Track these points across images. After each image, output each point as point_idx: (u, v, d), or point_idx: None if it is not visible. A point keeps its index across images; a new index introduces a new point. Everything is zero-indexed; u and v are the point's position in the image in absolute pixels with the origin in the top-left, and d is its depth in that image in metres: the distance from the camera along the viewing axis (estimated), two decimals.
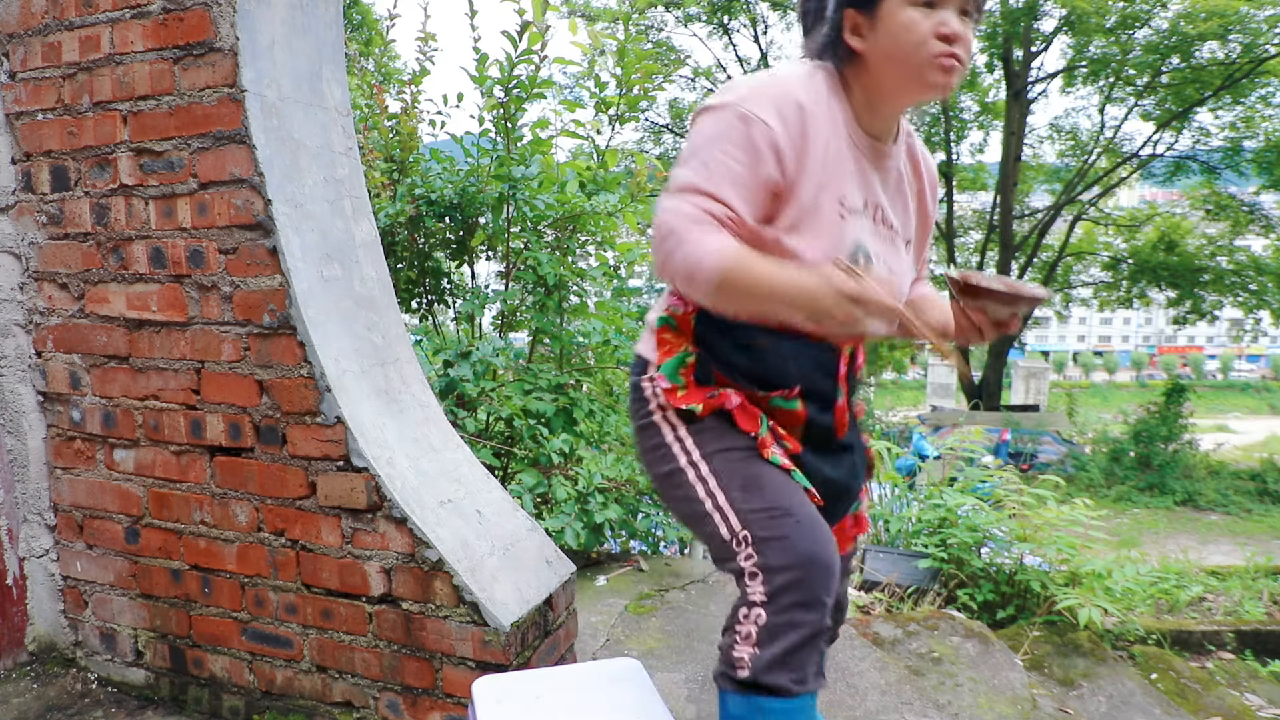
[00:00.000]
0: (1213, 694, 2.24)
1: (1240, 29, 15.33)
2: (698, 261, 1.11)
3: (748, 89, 1.17)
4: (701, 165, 1.15)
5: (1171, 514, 13.08)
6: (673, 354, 1.27)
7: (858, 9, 1.21)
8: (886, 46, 1.19)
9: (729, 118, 1.14)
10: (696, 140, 1.17)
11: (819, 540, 1.16)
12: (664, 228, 1.14)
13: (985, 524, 2.83)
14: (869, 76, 1.24)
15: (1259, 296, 17.90)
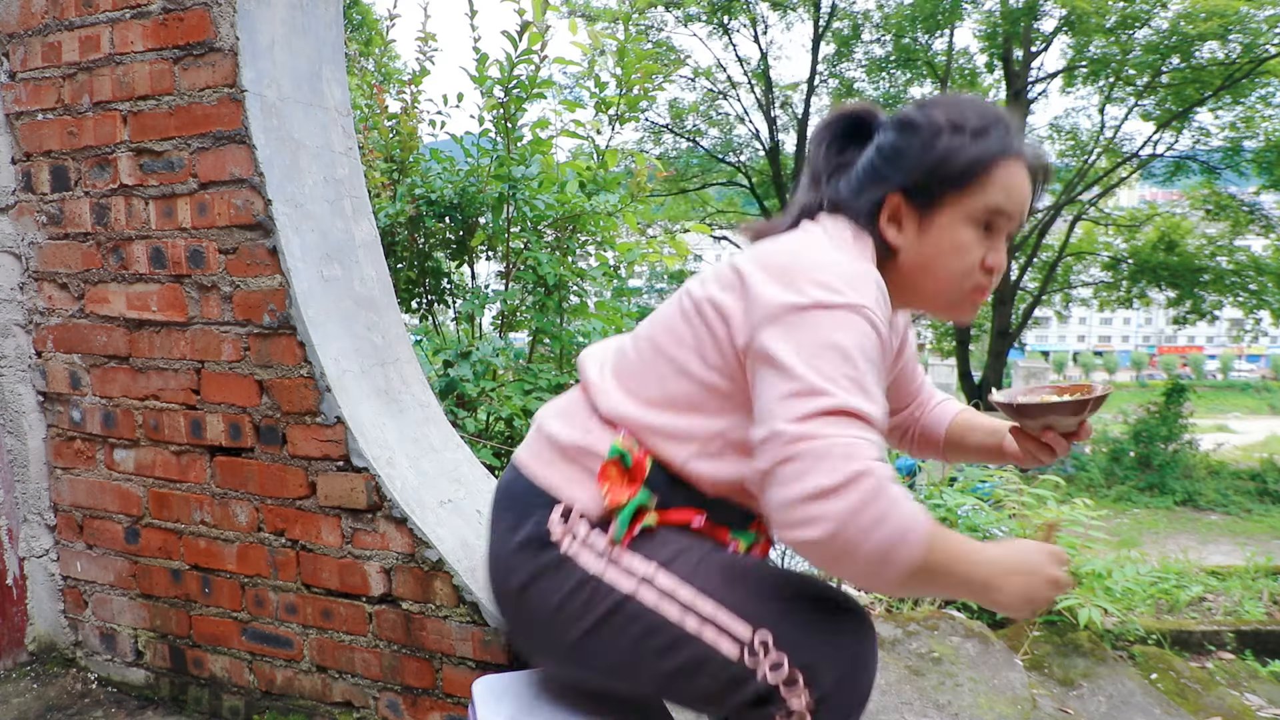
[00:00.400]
0: (1213, 694, 2.24)
1: (1240, 29, 15.33)
2: (900, 538, 0.82)
3: (852, 281, 0.93)
4: (851, 382, 0.87)
5: (1171, 514, 13.08)
6: (621, 500, 1.00)
7: (910, 201, 1.04)
8: (930, 258, 1.04)
9: (854, 320, 0.90)
10: (819, 339, 0.89)
11: (860, 632, 0.96)
12: (854, 482, 0.82)
13: (985, 524, 2.83)
14: (894, 274, 1.07)
15: (1259, 296, 17.90)
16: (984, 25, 18.76)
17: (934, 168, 1.02)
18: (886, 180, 1.05)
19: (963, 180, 1.01)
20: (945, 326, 22.31)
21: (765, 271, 0.96)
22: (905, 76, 20.54)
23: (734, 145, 21.84)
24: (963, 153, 1.01)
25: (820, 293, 0.91)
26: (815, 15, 20.37)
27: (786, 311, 0.91)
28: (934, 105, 1.06)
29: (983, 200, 1.01)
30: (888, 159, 1.05)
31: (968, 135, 1.02)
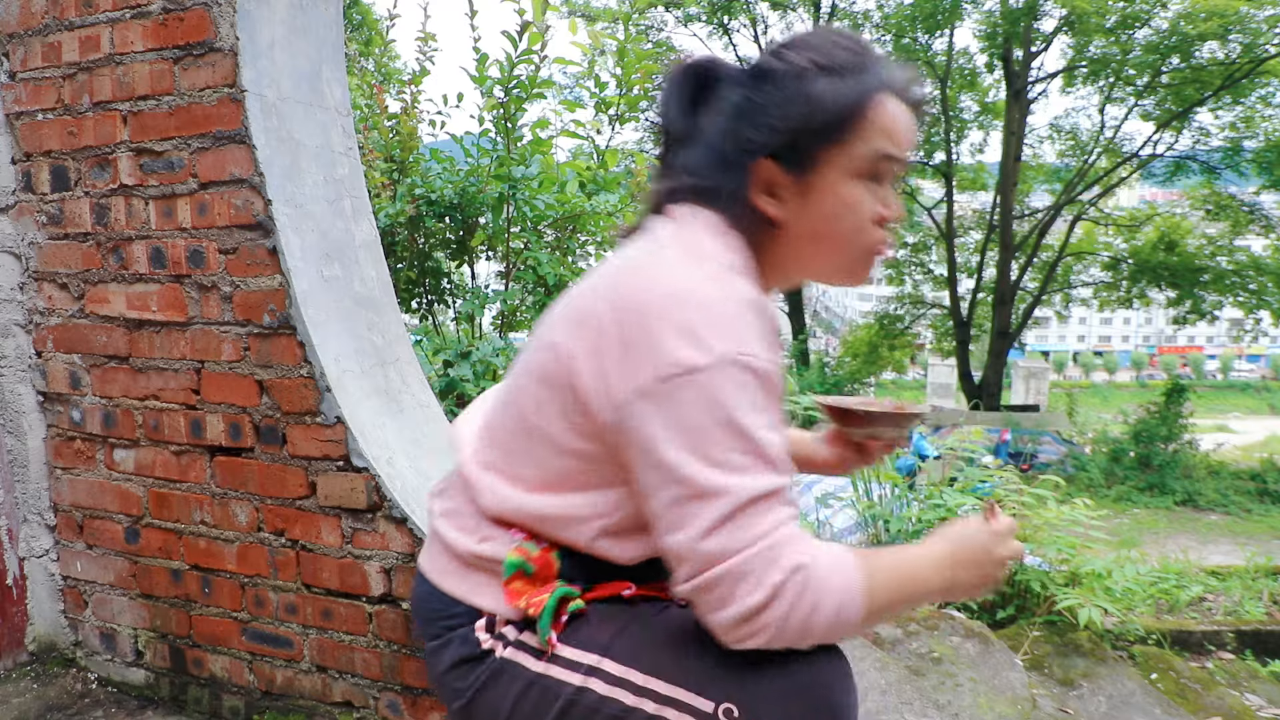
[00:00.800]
0: (1213, 694, 2.24)
1: (1240, 29, 15.34)
2: (840, 609, 0.79)
3: (721, 321, 0.80)
4: (747, 458, 0.78)
5: (1171, 514, 13.08)
6: (539, 603, 0.90)
7: (783, 166, 0.90)
8: (818, 225, 0.91)
9: (732, 376, 0.78)
10: (696, 418, 0.78)
11: (829, 668, 0.87)
12: (779, 592, 0.77)
13: None
14: (780, 252, 0.95)
15: (1259, 296, 17.91)
16: (984, 25, 18.77)
17: (803, 121, 0.87)
18: (750, 146, 0.90)
19: (839, 130, 0.88)
20: (945, 327, 22.31)
21: (620, 325, 0.82)
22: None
23: None
24: (833, 97, 0.87)
25: (686, 351, 0.78)
26: (815, 15, 20.37)
27: (651, 385, 0.79)
28: (790, 47, 0.91)
29: (866, 148, 0.89)
30: (747, 120, 0.90)
31: (835, 76, 0.88)
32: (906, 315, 23.10)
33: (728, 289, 0.83)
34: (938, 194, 21.71)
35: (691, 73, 0.95)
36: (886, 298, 25.06)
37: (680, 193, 0.94)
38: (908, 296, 23.06)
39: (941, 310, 22.38)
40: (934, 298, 23.04)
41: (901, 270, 22.64)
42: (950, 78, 19.77)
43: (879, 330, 23.11)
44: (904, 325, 23.03)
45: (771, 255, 0.95)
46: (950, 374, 24.82)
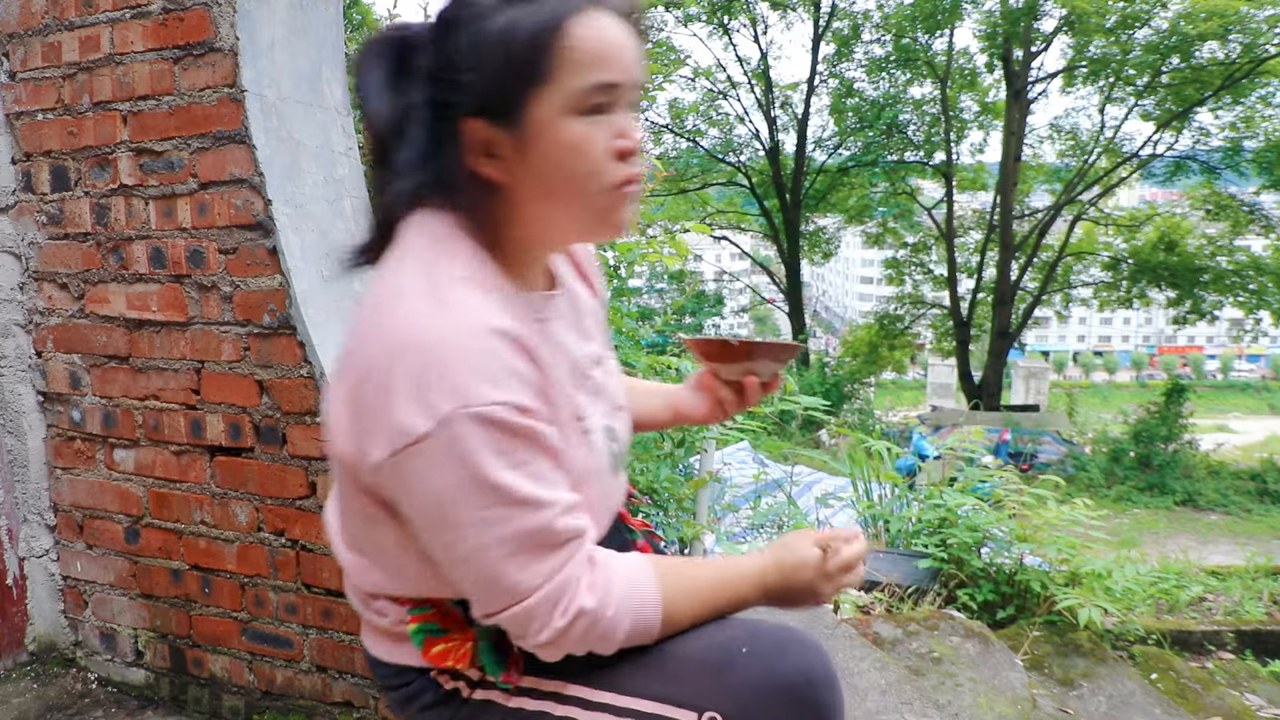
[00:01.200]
0: (1213, 694, 2.24)
1: (1240, 29, 15.36)
2: (629, 637, 0.84)
3: (444, 376, 0.72)
4: (507, 505, 0.75)
5: (1171, 514, 13.09)
6: (468, 645, 0.89)
7: (490, 119, 0.79)
8: (546, 177, 0.81)
9: (469, 435, 0.72)
10: (452, 489, 0.74)
11: (795, 649, 0.86)
12: (567, 626, 0.79)
13: (985, 524, 2.82)
14: (520, 220, 0.85)
15: (1259, 296, 17.92)
16: (984, 25, 18.79)
17: (497, 66, 0.77)
18: (451, 109, 0.80)
19: (538, 67, 0.77)
20: (945, 327, 22.31)
21: (354, 393, 0.77)
22: (905, 76, 20.54)
23: (734, 145, 21.85)
24: (518, 30, 0.76)
25: (413, 418, 0.72)
26: (815, 15, 20.38)
27: (387, 460, 0.74)
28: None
29: (577, 80, 0.78)
30: (442, 79, 0.80)
31: (514, 8, 0.77)
32: (906, 315, 23.11)
33: (456, 322, 0.74)
34: (938, 194, 21.73)
35: (382, 50, 0.83)
36: (886, 298, 25.07)
37: (403, 199, 0.83)
38: (908, 296, 23.06)
39: (941, 310, 22.39)
40: (934, 298, 23.05)
41: (901, 270, 22.65)
42: (950, 78, 19.78)
43: (879, 330, 23.12)
44: (904, 325, 23.04)
45: (512, 227, 0.85)
46: (950, 374, 24.83)
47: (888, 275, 23.58)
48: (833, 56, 20.80)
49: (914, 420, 18.49)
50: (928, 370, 29.72)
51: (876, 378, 25.41)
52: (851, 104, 20.72)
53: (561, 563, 0.79)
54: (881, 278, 27.29)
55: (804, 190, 21.39)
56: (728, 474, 4.39)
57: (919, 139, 20.75)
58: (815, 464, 6.33)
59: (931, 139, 20.62)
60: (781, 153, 21.44)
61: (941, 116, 20.01)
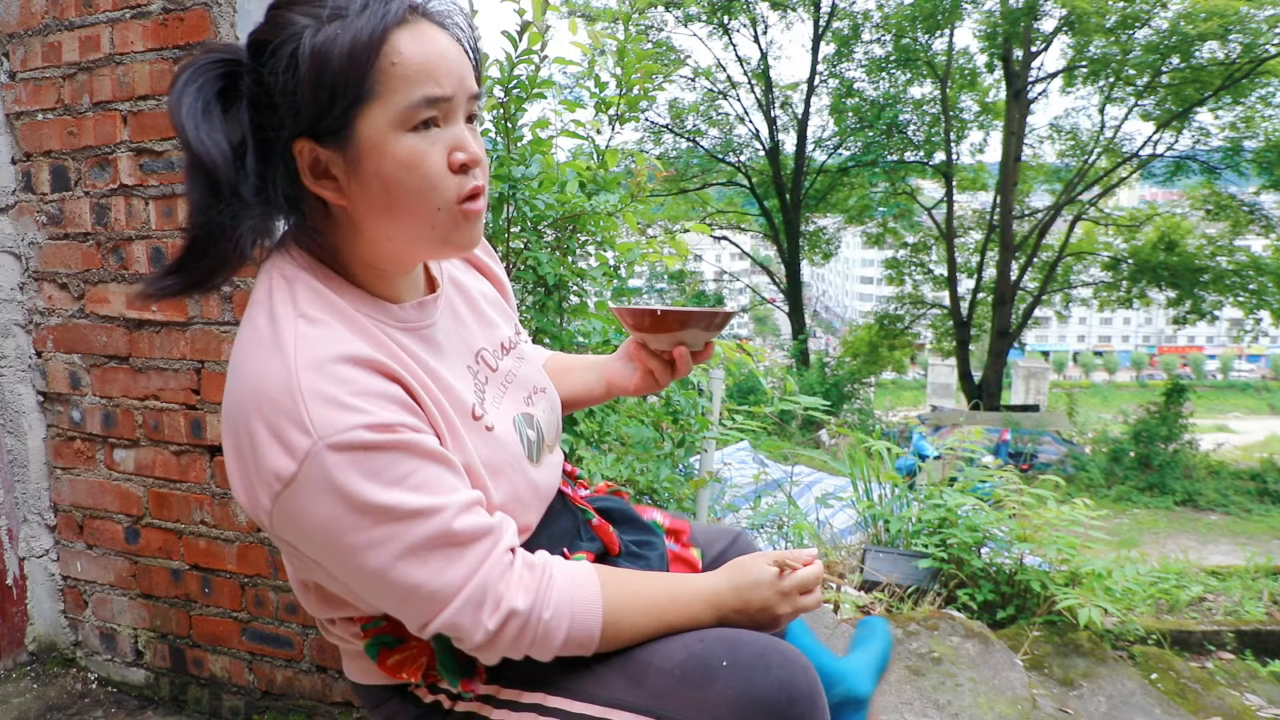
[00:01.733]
0: (1213, 694, 2.24)
1: (1240, 29, 15.36)
2: (565, 642, 0.84)
3: (295, 415, 0.72)
4: (394, 520, 0.74)
5: (1171, 514, 13.09)
6: (424, 658, 0.90)
7: (317, 140, 0.77)
8: (380, 197, 0.78)
9: (332, 461, 0.72)
10: (336, 519, 0.74)
11: (778, 664, 0.84)
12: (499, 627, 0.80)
13: (985, 524, 2.82)
14: (362, 242, 0.83)
15: (1259, 296, 17.92)
16: (984, 25, 18.78)
17: (317, 85, 0.74)
18: (280, 132, 0.77)
19: (356, 86, 0.74)
20: (945, 327, 22.32)
21: (231, 445, 0.78)
22: (905, 76, 20.55)
23: (734, 145, 21.86)
24: (334, 48, 0.73)
25: (278, 461, 0.72)
26: (815, 15, 20.39)
27: (270, 506, 0.75)
28: (283, 3, 0.78)
29: (400, 97, 0.76)
30: (264, 103, 0.77)
31: (330, 25, 0.74)
32: (906, 315, 23.11)
33: (299, 361, 0.74)
34: (938, 194, 21.72)
35: (200, 76, 0.77)
36: (886, 298, 25.06)
37: (250, 238, 0.79)
38: (908, 296, 23.06)
39: (941, 310, 22.39)
40: (934, 298, 23.05)
41: (901, 270, 22.65)
42: (950, 78, 19.78)
43: (879, 330, 23.11)
44: (904, 325, 23.04)
45: (357, 249, 0.83)
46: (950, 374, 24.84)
47: (888, 275, 23.57)
48: (833, 56, 20.80)
49: (914, 420, 18.49)
50: (928, 370, 29.73)
51: (876, 378, 25.40)
52: (851, 104, 20.72)
53: (477, 562, 0.79)
54: (881, 278, 27.28)
55: (804, 190, 21.39)
56: (728, 474, 4.39)
57: (919, 139, 20.75)
58: (815, 464, 6.33)
59: (931, 139, 20.62)
60: (781, 153, 21.44)
61: (941, 116, 20.01)
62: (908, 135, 20.69)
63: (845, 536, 3.77)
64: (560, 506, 1.03)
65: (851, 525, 3.84)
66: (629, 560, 1.07)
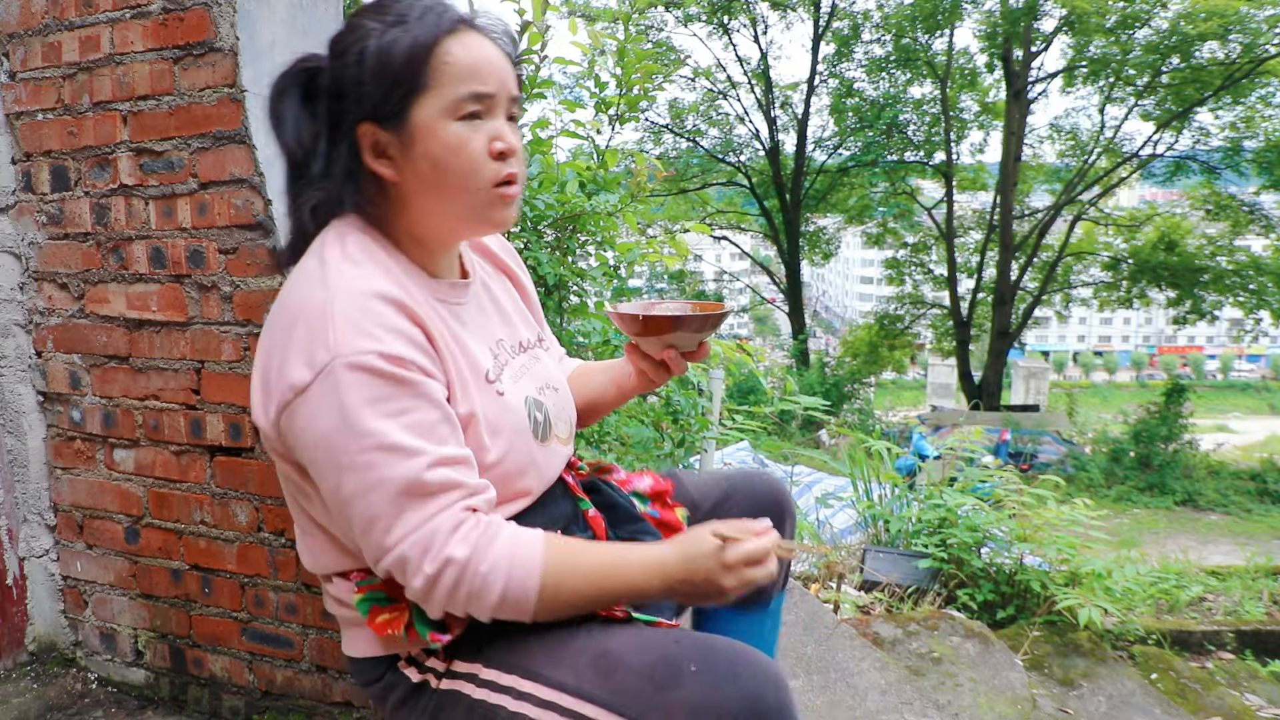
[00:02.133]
0: (1213, 694, 2.24)
1: (1240, 29, 15.36)
2: (501, 601, 0.85)
3: (323, 334, 0.83)
4: (379, 450, 0.82)
5: (1171, 514, 13.09)
6: (405, 614, 0.94)
7: (379, 124, 0.92)
8: (428, 175, 0.91)
9: (344, 379, 0.81)
10: (331, 434, 0.82)
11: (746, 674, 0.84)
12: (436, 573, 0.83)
13: (985, 524, 2.82)
14: (410, 215, 0.96)
15: (1259, 296, 17.92)
16: (984, 25, 18.78)
17: (381, 77, 0.90)
18: (347, 118, 0.93)
19: (415, 77, 0.89)
20: (945, 327, 22.31)
21: (258, 365, 0.89)
22: (905, 76, 20.54)
23: (734, 145, 21.86)
24: (397, 47, 0.90)
25: (297, 372, 0.83)
26: (815, 15, 20.39)
27: (279, 415, 0.86)
28: (360, 13, 0.96)
29: (449, 91, 0.90)
30: (338, 94, 0.93)
31: (394, 29, 0.91)
32: (906, 315, 23.11)
33: (336, 291, 0.85)
34: (938, 194, 21.72)
35: (290, 83, 0.97)
36: (886, 298, 25.06)
37: (316, 205, 0.95)
38: (908, 296, 23.06)
39: (941, 310, 22.39)
40: (934, 298, 23.05)
41: (901, 270, 22.65)
42: (950, 78, 19.78)
43: (879, 330, 23.11)
44: (904, 325, 23.04)
45: (406, 221, 0.96)
46: (950, 374, 24.84)
47: (888, 275, 23.57)
48: (833, 56, 20.80)
49: (914, 420, 18.49)
50: (928, 370, 29.72)
51: (876, 378, 25.41)
52: (851, 104, 20.72)
53: (433, 512, 0.84)
54: (881, 278, 27.28)
55: (804, 190, 21.39)
56: None
57: (919, 139, 20.75)
58: (815, 464, 6.33)
59: (931, 139, 20.62)
60: (781, 153, 21.44)
61: (941, 116, 20.01)
62: (908, 135, 20.69)
63: (845, 536, 3.77)
64: (561, 493, 1.09)
65: (851, 525, 3.84)
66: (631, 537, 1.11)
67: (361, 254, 0.91)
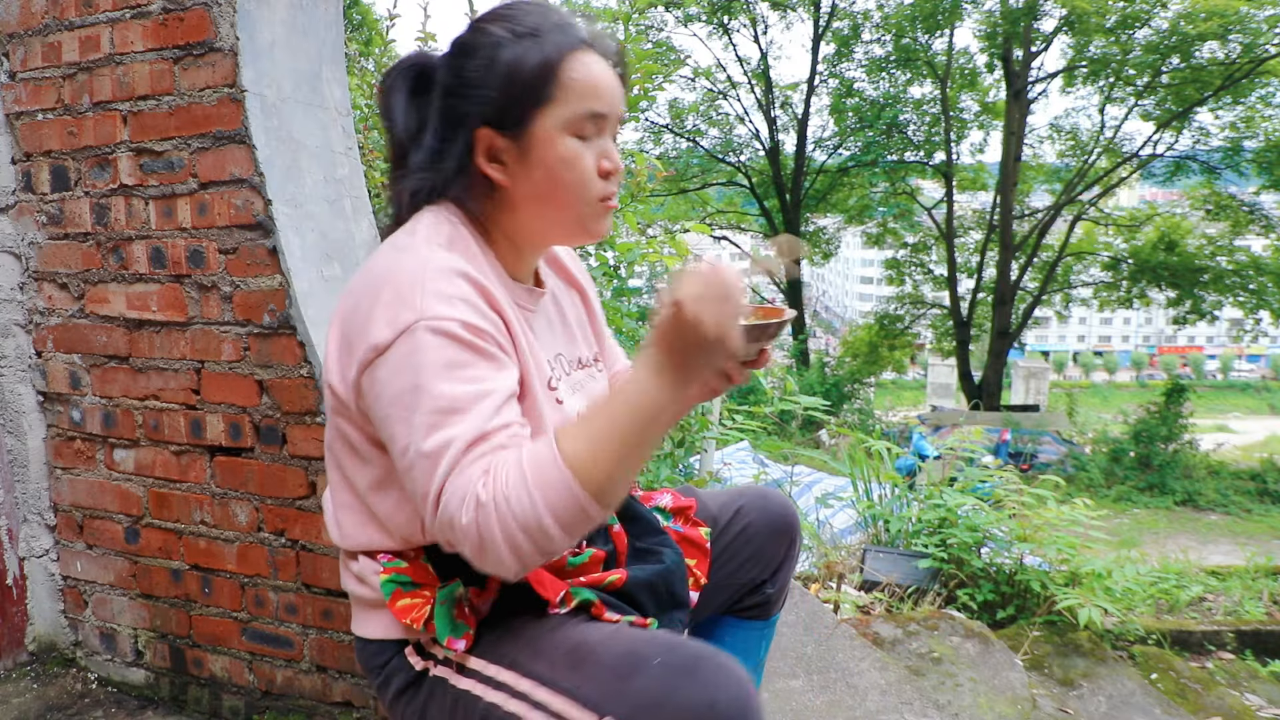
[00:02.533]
0: (1213, 694, 2.24)
1: (1240, 29, 15.36)
2: (552, 516, 0.78)
3: (410, 298, 0.84)
4: (442, 413, 0.81)
5: (1171, 514, 13.10)
6: (428, 607, 0.95)
7: (498, 130, 0.94)
8: (541, 184, 0.95)
9: (421, 340, 0.82)
10: (405, 393, 0.83)
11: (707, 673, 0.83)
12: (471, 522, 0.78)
13: (985, 524, 2.82)
14: (513, 218, 0.99)
15: (1259, 296, 17.92)
16: (984, 25, 18.79)
17: (508, 85, 0.93)
18: (465, 118, 0.95)
19: (541, 90, 0.93)
20: (945, 327, 22.31)
21: (339, 330, 0.92)
22: (905, 76, 20.54)
23: (734, 145, 21.86)
24: (527, 60, 0.92)
25: (379, 333, 0.84)
26: (815, 15, 20.39)
27: (359, 373, 0.87)
28: (486, 19, 0.98)
29: (572, 106, 0.94)
30: (458, 93, 0.96)
31: (526, 40, 0.93)
32: (906, 315, 23.11)
33: (422, 259, 0.88)
34: (938, 194, 21.73)
35: (404, 74, 1.01)
36: (886, 298, 25.05)
37: (419, 191, 0.98)
38: (908, 296, 23.06)
39: (941, 310, 22.39)
40: (934, 298, 23.05)
41: (901, 270, 22.64)
42: (950, 78, 19.78)
43: (879, 330, 23.12)
44: (904, 325, 23.04)
45: (507, 223, 1.00)
46: (950, 374, 24.83)
47: (888, 275, 23.57)
48: (833, 56, 20.80)
49: (914, 420, 18.49)
50: (928, 370, 29.71)
51: (876, 378, 25.40)
52: (851, 104, 20.72)
53: (476, 470, 0.80)
54: (881, 278, 27.27)
55: (804, 190, 21.39)
56: (728, 474, 4.39)
57: (919, 139, 20.75)
58: (815, 464, 6.33)
59: (931, 139, 20.62)
60: (781, 153, 21.44)
61: (941, 116, 20.01)
62: (908, 135, 20.69)
63: (845, 536, 3.77)
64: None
65: (851, 525, 3.83)
66: (638, 560, 1.10)
67: (453, 241, 0.94)
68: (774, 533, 1.26)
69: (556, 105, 0.93)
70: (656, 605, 1.06)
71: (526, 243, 1.02)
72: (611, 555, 1.08)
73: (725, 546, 1.24)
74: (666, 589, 1.07)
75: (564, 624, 0.95)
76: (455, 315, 0.84)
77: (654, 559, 1.10)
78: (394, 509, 0.97)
